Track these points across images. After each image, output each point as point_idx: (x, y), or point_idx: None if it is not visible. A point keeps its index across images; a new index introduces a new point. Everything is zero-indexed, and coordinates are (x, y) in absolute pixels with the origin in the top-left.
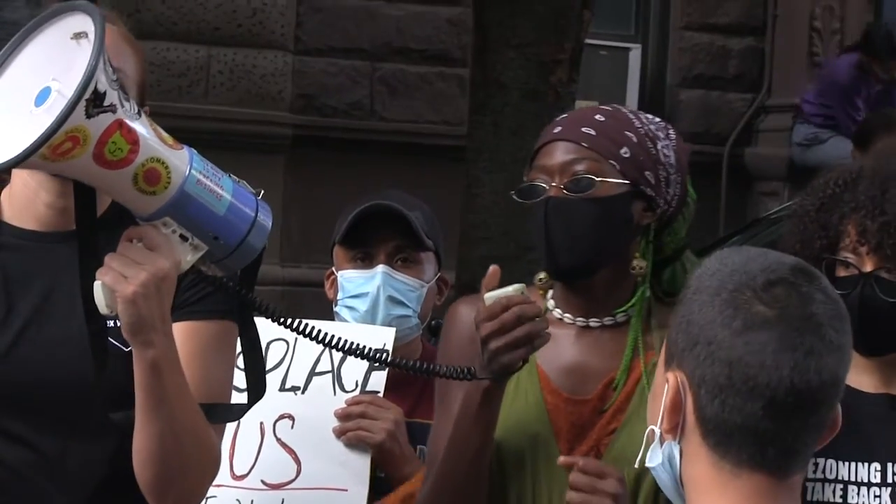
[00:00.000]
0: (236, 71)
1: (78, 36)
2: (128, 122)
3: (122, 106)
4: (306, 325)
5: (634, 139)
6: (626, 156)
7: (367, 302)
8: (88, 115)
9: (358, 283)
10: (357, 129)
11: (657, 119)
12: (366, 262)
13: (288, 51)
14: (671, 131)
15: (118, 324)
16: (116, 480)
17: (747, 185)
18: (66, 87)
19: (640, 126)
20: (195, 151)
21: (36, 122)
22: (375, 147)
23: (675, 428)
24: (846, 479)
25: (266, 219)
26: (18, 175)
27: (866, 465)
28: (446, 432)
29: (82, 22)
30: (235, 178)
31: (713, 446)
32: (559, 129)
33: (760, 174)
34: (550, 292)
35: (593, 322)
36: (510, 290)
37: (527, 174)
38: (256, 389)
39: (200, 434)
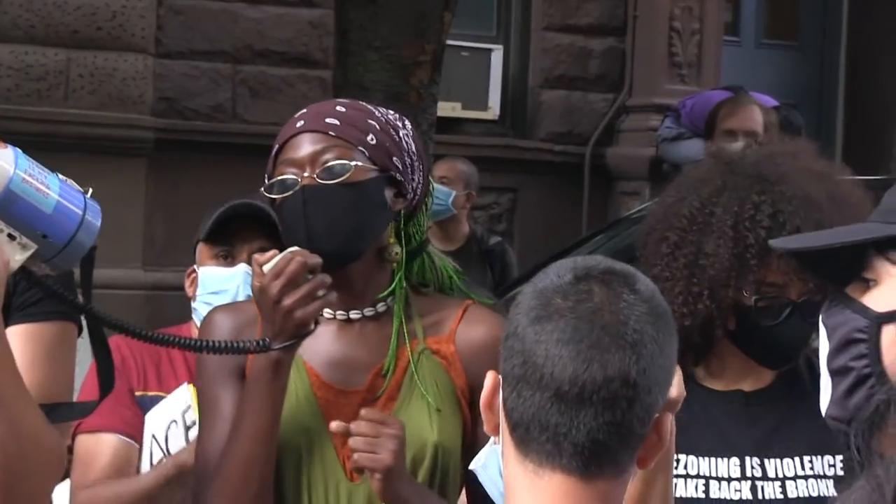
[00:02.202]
0: (97, 74)
1: None
2: None
3: None
4: (141, 330)
5: (378, 127)
6: (373, 142)
7: (227, 299)
8: None
9: (219, 279)
10: (219, 132)
11: (391, 111)
12: (228, 260)
13: (149, 53)
14: (406, 122)
15: None
16: None
17: (609, 184)
18: None
19: (379, 115)
20: (19, 150)
21: None
22: (238, 150)
23: (495, 428)
24: (707, 474)
25: (95, 217)
26: None
27: (726, 459)
28: (219, 434)
29: None
30: (62, 177)
31: (517, 444)
32: (302, 122)
33: (622, 174)
34: None
35: (354, 314)
36: (285, 252)
37: (269, 172)
38: (106, 384)
39: (42, 435)
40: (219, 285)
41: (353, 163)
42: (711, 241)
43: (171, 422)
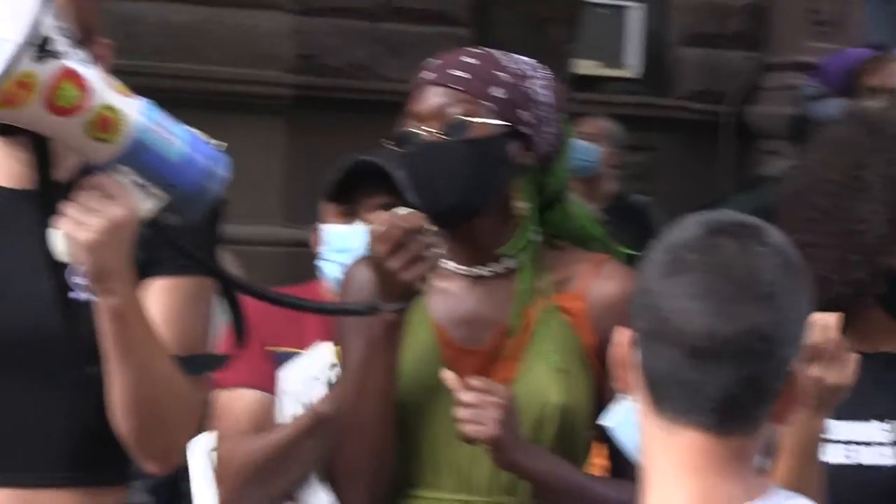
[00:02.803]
0: (236, 31)
1: None
2: (78, 69)
3: (72, 53)
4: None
5: (506, 78)
6: (499, 96)
7: (352, 256)
8: (36, 61)
9: (342, 237)
10: (357, 90)
11: (528, 59)
12: (351, 217)
13: (287, 11)
14: (543, 71)
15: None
16: (100, 435)
17: (749, 143)
18: (13, 35)
19: (511, 65)
20: (149, 101)
21: None
22: (376, 107)
23: (626, 385)
24: (850, 438)
25: (223, 168)
26: None
27: (869, 423)
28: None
29: None
30: (192, 129)
31: (652, 401)
32: (429, 73)
33: (762, 133)
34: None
35: (483, 270)
36: (386, 215)
37: (400, 125)
38: (240, 338)
39: (175, 385)
40: (342, 243)
41: (474, 119)
42: (865, 207)
43: (313, 378)
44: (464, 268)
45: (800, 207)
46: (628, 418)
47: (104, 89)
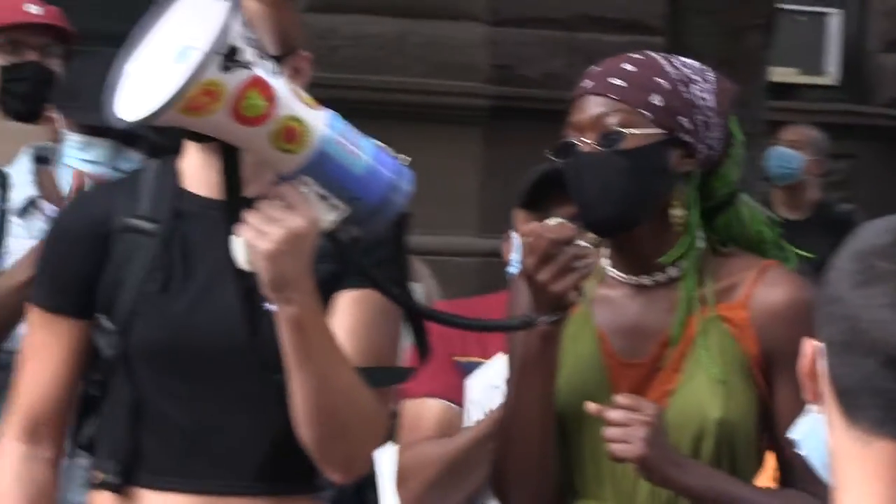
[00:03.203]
0: (432, 43)
1: None
2: (265, 79)
3: (259, 63)
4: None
5: (666, 85)
6: (658, 103)
7: None
8: (223, 70)
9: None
10: (554, 100)
11: (693, 63)
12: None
13: (484, 22)
14: (709, 74)
15: None
16: (289, 444)
17: None
18: (203, 44)
19: (671, 71)
20: (335, 113)
21: (174, 78)
22: None
23: (816, 396)
24: None
25: (406, 183)
26: (189, 143)
27: None
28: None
29: None
30: (377, 141)
31: (844, 413)
32: (588, 82)
33: None
34: (602, 251)
35: (646, 279)
36: (534, 226)
37: (565, 125)
38: (422, 352)
39: (356, 396)
40: None
41: (632, 130)
42: None
43: (494, 387)
44: (627, 276)
45: None
46: (815, 431)
47: (291, 100)
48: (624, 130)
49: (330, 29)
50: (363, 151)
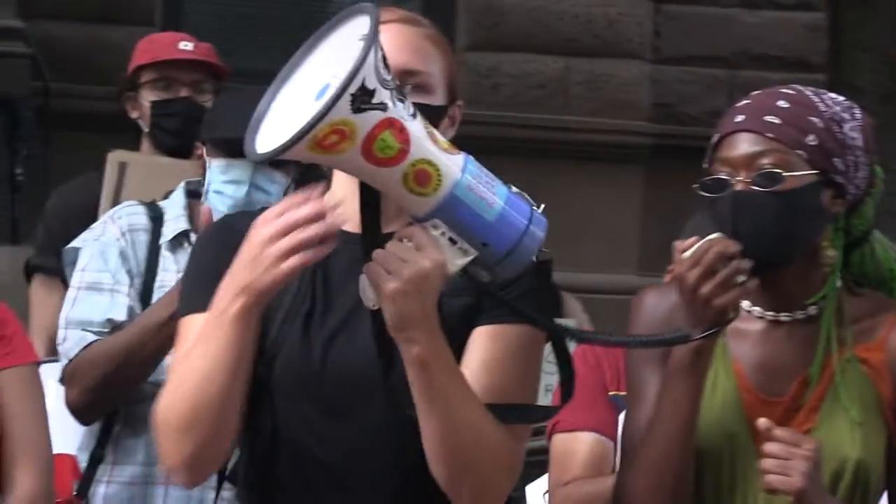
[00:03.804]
0: (594, 81)
1: (365, 36)
2: (400, 121)
3: (395, 105)
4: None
5: (820, 125)
6: (813, 144)
7: None
8: (355, 110)
9: None
10: None
11: (841, 98)
12: None
13: (645, 60)
14: (856, 111)
15: None
16: (423, 478)
17: None
18: (334, 82)
19: (825, 110)
20: (472, 158)
21: (306, 115)
22: None
23: None
24: None
25: (539, 230)
26: (336, 177)
27: None
28: (643, 415)
29: (368, 24)
30: (512, 187)
31: None
32: (741, 118)
33: None
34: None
35: (784, 316)
36: (704, 240)
37: (708, 164)
38: (566, 392)
39: (484, 433)
40: None
41: (789, 173)
42: None
43: None
44: (765, 312)
45: None
46: None
47: (425, 143)
48: (782, 173)
49: (492, 67)
50: (497, 197)
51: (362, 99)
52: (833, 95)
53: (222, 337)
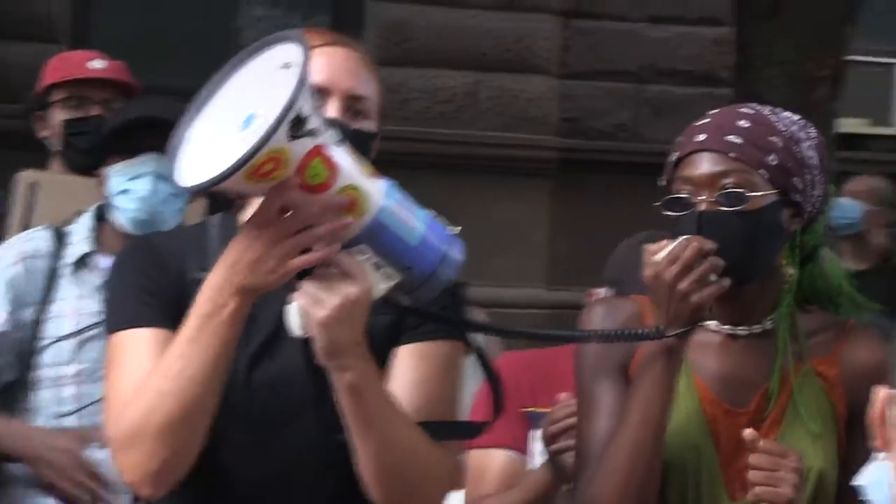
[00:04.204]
0: (503, 96)
1: (287, 66)
2: (329, 148)
3: (324, 132)
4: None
5: (780, 144)
6: (774, 163)
7: None
8: (290, 138)
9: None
10: (622, 152)
11: (796, 118)
12: None
13: (553, 75)
14: (811, 130)
15: None
16: (348, 496)
17: None
18: (270, 112)
19: (783, 129)
20: (393, 183)
21: (239, 144)
22: (640, 169)
23: (885, 443)
24: None
25: (457, 253)
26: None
27: None
28: (600, 427)
29: (291, 51)
30: (431, 211)
31: None
32: (703, 137)
33: None
34: None
35: (741, 330)
36: (680, 239)
37: (667, 181)
38: (498, 406)
39: (420, 453)
40: None
41: (752, 193)
42: None
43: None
44: (722, 326)
45: None
46: (881, 477)
47: (351, 169)
48: (746, 192)
49: (401, 82)
50: (418, 221)
51: (297, 126)
52: (788, 114)
53: (215, 338)
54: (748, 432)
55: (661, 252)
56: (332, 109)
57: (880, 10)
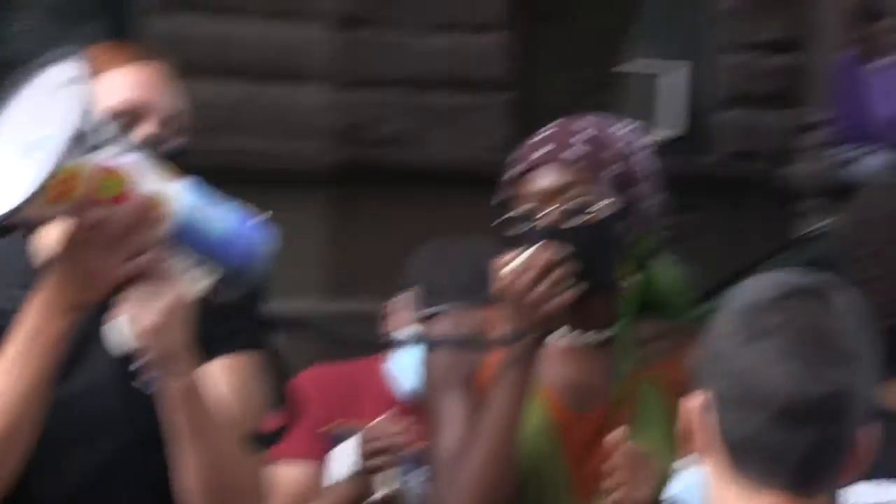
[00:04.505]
0: (278, 105)
1: (68, 83)
2: (120, 159)
3: (115, 144)
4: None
5: (620, 154)
6: (615, 174)
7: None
8: (79, 156)
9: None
10: (399, 161)
11: (630, 129)
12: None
13: (328, 84)
14: (645, 140)
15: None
16: None
17: (790, 203)
18: (57, 132)
19: (621, 141)
20: (195, 181)
21: (30, 170)
22: (418, 178)
23: (702, 446)
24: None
25: (268, 243)
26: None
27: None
28: (450, 437)
29: (71, 69)
30: (237, 205)
31: (732, 464)
32: (543, 150)
33: (802, 192)
34: None
35: (586, 338)
36: (533, 247)
37: (506, 197)
38: (293, 414)
39: (239, 463)
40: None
41: (594, 205)
42: None
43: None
44: (569, 335)
45: (854, 247)
46: (694, 483)
47: (147, 177)
48: (587, 206)
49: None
50: (224, 216)
51: (84, 144)
52: (623, 126)
53: (41, 357)
54: (613, 435)
55: (513, 262)
56: (145, 126)
57: (645, 21)
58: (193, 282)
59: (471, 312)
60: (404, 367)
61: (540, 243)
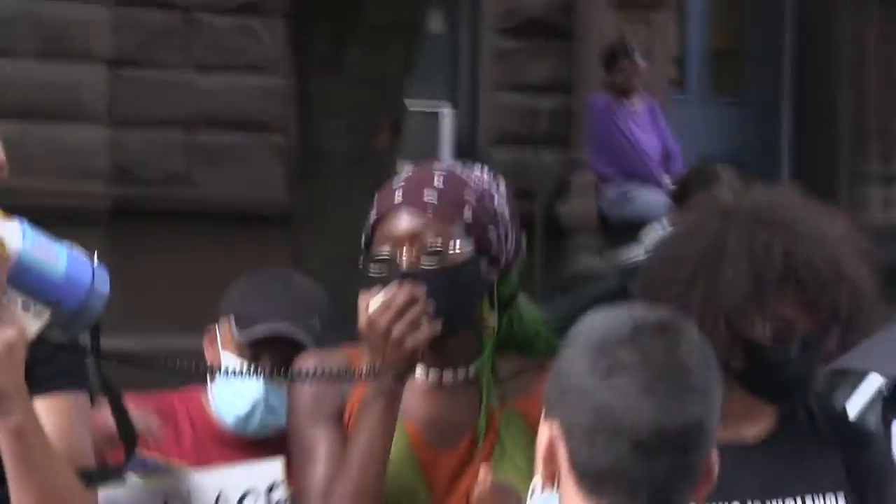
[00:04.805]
0: (52, 145)
1: None
2: None
3: None
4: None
5: (473, 199)
6: (470, 219)
7: (247, 403)
8: None
9: (242, 384)
10: (175, 200)
11: (485, 173)
12: (252, 367)
13: (104, 124)
14: (500, 184)
15: None
16: None
17: (562, 240)
18: None
19: (476, 185)
20: (25, 221)
21: None
22: (192, 217)
23: (552, 477)
24: None
25: (103, 283)
26: None
27: None
28: (319, 473)
29: None
30: (69, 245)
31: (587, 493)
32: (400, 196)
33: (574, 229)
34: None
35: (447, 376)
36: (390, 286)
37: (365, 244)
38: (130, 444)
39: (77, 497)
40: (240, 389)
41: (452, 249)
42: (727, 273)
43: (247, 492)
44: (429, 372)
45: (661, 286)
46: None
47: None
48: (445, 249)
49: None
50: (59, 257)
51: None
52: (478, 171)
53: None
54: (482, 469)
55: (375, 301)
56: None
57: (427, 61)
58: (28, 322)
59: (335, 348)
60: (224, 399)
61: (397, 284)
